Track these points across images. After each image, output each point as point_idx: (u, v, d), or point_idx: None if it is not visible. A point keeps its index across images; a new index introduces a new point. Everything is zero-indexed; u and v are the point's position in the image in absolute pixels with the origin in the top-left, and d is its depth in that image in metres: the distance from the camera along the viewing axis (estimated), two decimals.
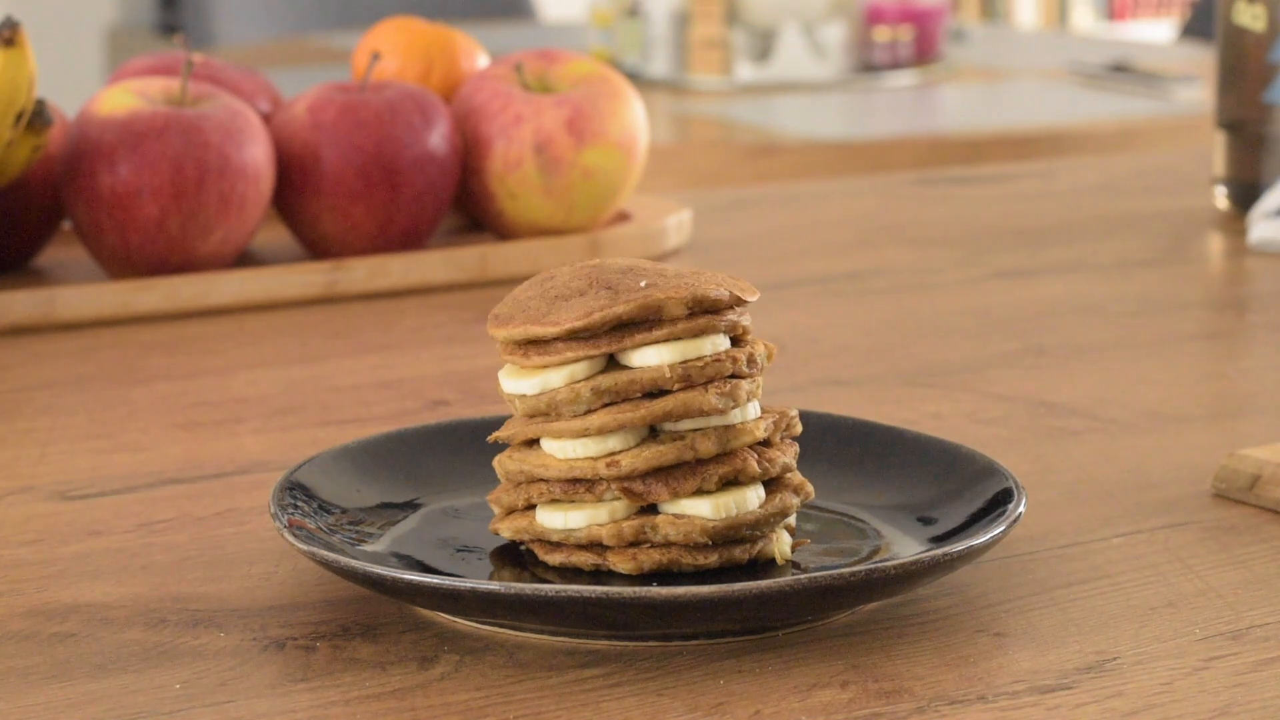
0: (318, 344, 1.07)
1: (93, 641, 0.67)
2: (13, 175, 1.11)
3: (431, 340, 1.07)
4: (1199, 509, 0.80)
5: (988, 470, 0.74)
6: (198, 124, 1.10)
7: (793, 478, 0.71)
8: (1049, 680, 0.64)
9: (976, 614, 0.69)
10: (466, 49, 1.29)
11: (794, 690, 0.64)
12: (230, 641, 0.67)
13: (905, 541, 0.72)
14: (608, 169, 1.19)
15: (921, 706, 0.63)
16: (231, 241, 1.12)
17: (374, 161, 1.14)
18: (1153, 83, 2.24)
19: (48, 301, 1.08)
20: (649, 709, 0.62)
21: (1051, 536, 0.76)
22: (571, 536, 0.69)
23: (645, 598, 0.64)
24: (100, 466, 0.86)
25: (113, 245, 1.11)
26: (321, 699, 0.63)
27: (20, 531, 0.78)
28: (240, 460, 0.87)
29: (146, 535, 0.77)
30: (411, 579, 0.66)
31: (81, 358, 1.03)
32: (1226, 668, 0.65)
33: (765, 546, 0.70)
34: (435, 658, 0.66)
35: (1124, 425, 0.91)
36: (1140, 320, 1.10)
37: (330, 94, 1.17)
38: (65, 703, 0.63)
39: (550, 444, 0.70)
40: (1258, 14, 1.30)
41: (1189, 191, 1.44)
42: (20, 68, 1.07)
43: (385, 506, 0.75)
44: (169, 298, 1.10)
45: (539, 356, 0.69)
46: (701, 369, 0.69)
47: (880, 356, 1.03)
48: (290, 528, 0.69)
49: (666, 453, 0.68)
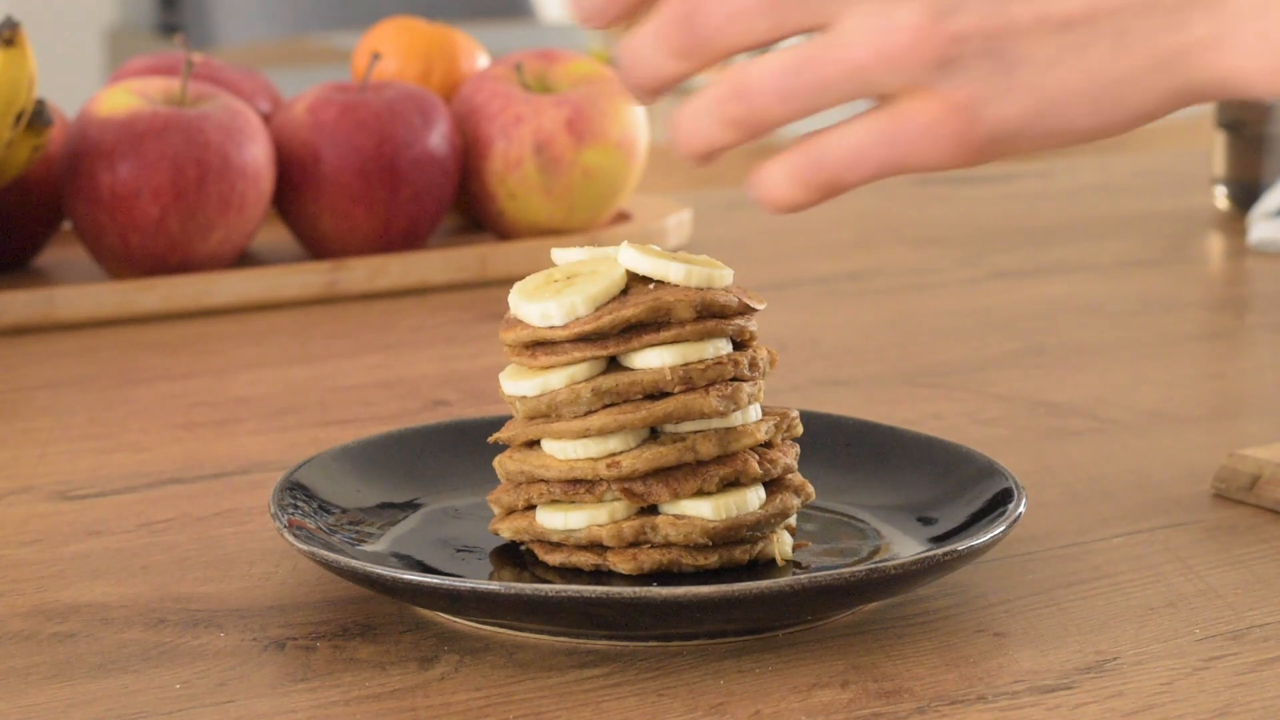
0: (318, 344, 1.07)
1: (93, 641, 0.67)
2: (13, 175, 1.11)
3: (431, 340, 1.07)
4: (1199, 509, 0.80)
5: (988, 470, 0.74)
6: (198, 124, 1.10)
7: (793, 479, 0.71)
8: (1049, 680, 0.64)
9: (976, 614, 0.69)
10: (466, 49, 1.29)
11: (794, 690, 0.64)
12: (230, 641, 0.67)
13: (905, 541, 0.72)
14: (608, 169, 1.19)
15: (921, 706, 0.63)
16: (231, 241, 1.12)
17: (374, 161, 1.15)
18: None
19: (48, 301, 1.08)
20: (649, 709, 0.62)
21: (1051, 536, 0.76)
22: (571, 537, 0.69)
23: (645, 598, 0.64)
24: (100, 466, 0.86)
25: (113, 245, 1.11)
26: (321, 699, 0.63)
27: (20, 531, 0.78)
28: (240, 460, 0.87)
29: (146, 535, 0.77)
30: (411, 579, 0.66)
31: (81, 358, 1.03)
32: (1226, 668, 0.65)
33: (766, 547, 0.70)
34: (435, 658, 0.66)
35: (1124, 425, 0.91)
36: (1140, 320, 1.10)
37: (330, 94, 1.17)
38: (65, 703, 0.63)
39: (551, 445, 0.70)
40: None
41: (1189, 191, 1.44)
42: (20, 68, 1.07)
43: (385, 506, 0.75)
44: (169, 298, 1.10)
45: (546, 358, 0.69)
46: (703, 371, 0.69)
47: (880, 356, 1.03)
48: (290, 528, 0.69)
49: (667, 454, 0.68)
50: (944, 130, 0.60)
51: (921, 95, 0.59)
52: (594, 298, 0.68)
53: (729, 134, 0.62)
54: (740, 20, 0.61)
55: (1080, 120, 0.60)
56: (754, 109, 0.61)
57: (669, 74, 0.62)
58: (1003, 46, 0.59)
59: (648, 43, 0.62)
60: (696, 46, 0.61)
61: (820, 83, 0.60)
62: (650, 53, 0.62)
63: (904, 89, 0.60)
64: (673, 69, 0.62)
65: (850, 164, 0.61)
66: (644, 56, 0.62)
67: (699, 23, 0.61)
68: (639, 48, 0.62)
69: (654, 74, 0.63)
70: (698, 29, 0.61)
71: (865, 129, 0.61)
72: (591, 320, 0.68)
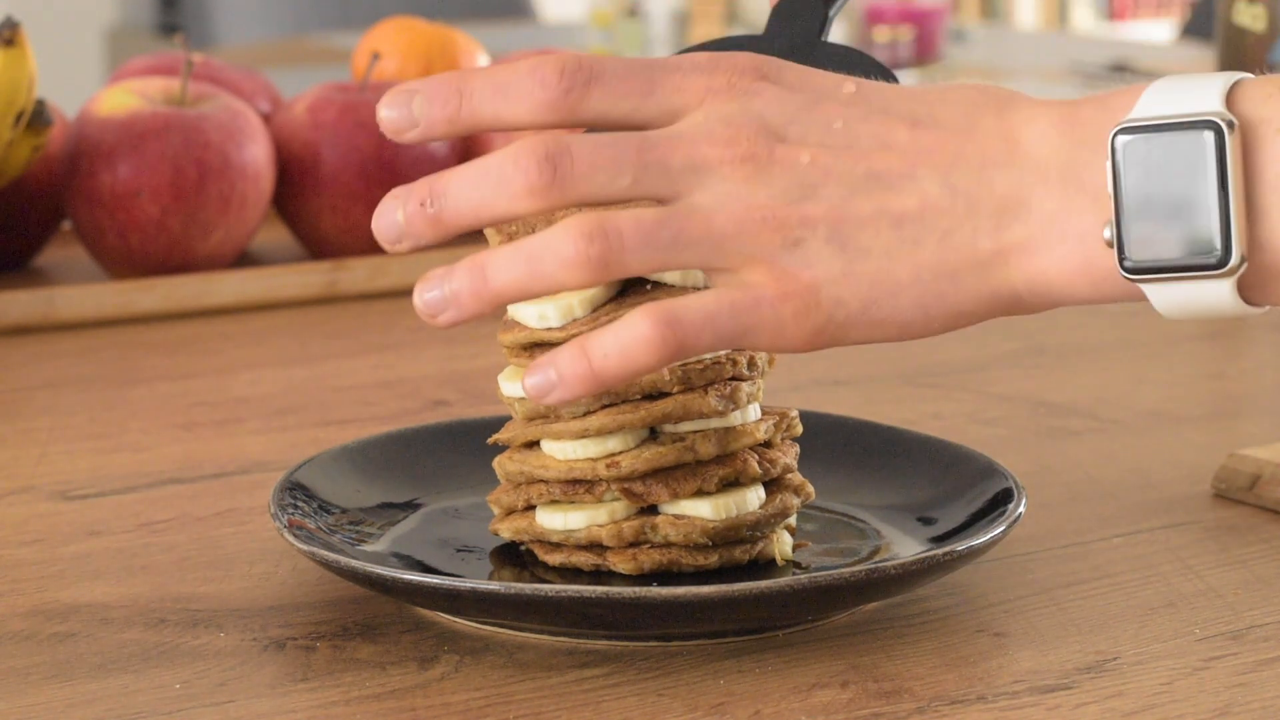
0: (318, 344, 1.07)
1: (93, 641, 0.67)
2: (13, 175, 1.11)
3: (431, 340, 1.07)
4: (1199, 509, 0.80)
5: (988, 470, 0.74)
6: (198, 124, 1.10)
7: (793, 478, 0.71)
8: (1049, 680, 0.64)
9: (976, 614, 0.69)
10: (466, 49, 1.29)
11: (794, 690, 0.64)
12: (230, 641, 0.67)
13: (905, 541, 0.72)
14: None
15: (921, 706, 0.63)
16: (231, 241, 1.12)
17: (374, 161, 1.15)
18: None
19: (48, 301, 1.08)
20: (649, 709, 0.62)
21: (1051, 536, 0.76)
22: (571, 537, 0.69)
23: (645, 598, 0.64)
24: (100, 466, 0.86)
25: (113, 245, 1.11)
26: (321, 699, 0.63)
27: (20, 531, 0.78)
28: (240, 460, 0.87)
29: (146, 535, 0.77)
30: (411, 579, 0.66)
31: (81, 358, 1.03)
32: (1226, 668, 0.65)
33: (765, 547, 0.70)
34: (435, 658, 0.66)
35: (1124, 425, 0.91)
36: (1140, 320, 1.10)
37: (330, 94, 1.17)
38: (65, 703, 0.63)
39: (550, 445, 0.70)
40: (1258, 14, 1.30)
41: None
42: (20, 68, 1.07)
43: (385, 506, 0.75)
44: (169, 298, 1.10)
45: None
46: (701, 371, 0.69)
47: (880, 356, 1.03)
48: (290, 528, 0.69)
49: (666, 454, 0.68)
50: (786, 308, 0.62)
51: (766, 272, 0.62)
52: (591, 299, 0.68)
53: (581, 273, 0.62)
54: (604, 171, 0.62)
55: (907, 312, 0.63)
56: (612, 250, 0.62)
57: (507, 209, 0.63)
58: (845, 235, 0.62)
59: (498, 169, 0.62)
60: (551, 186, 0.62)
61: (680, 240, 0.62)
62: (497, 180, 0.62)
63: (751, 262, 0.62)
64: (513, 204, 0.62)
65: (701, 326, 0.62)
66: (491, 180, 0.62)
67: (562, 164, 0.62)
68: (489, 169, 0.62)
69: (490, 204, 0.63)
70: (560, 168, 0.62)
71: (718, 295, 0.63)
72: (589, 322, 0.68)
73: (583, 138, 0.63)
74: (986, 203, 0.62)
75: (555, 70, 0.63)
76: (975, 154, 0.63)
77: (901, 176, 0.62)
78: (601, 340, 0.62)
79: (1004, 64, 2.60)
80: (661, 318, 0.62)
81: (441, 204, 0.63)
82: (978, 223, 0.62)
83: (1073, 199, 0.62)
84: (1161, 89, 0.62)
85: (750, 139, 0.62)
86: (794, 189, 0.62)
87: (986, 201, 0.62)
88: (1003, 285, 0.63)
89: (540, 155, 0.62)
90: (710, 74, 0.64)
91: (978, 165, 0.62)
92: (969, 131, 0.63)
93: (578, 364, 0.62)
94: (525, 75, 0.63)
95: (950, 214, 0.62)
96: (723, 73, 0.64)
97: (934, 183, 0.62)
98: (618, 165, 0.62)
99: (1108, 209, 0.61)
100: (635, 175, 0.62)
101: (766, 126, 0.63)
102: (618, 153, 0.62)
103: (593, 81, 0.63)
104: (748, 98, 0.63)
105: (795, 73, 0.64)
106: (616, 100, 0.63)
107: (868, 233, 0.62)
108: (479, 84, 0.63)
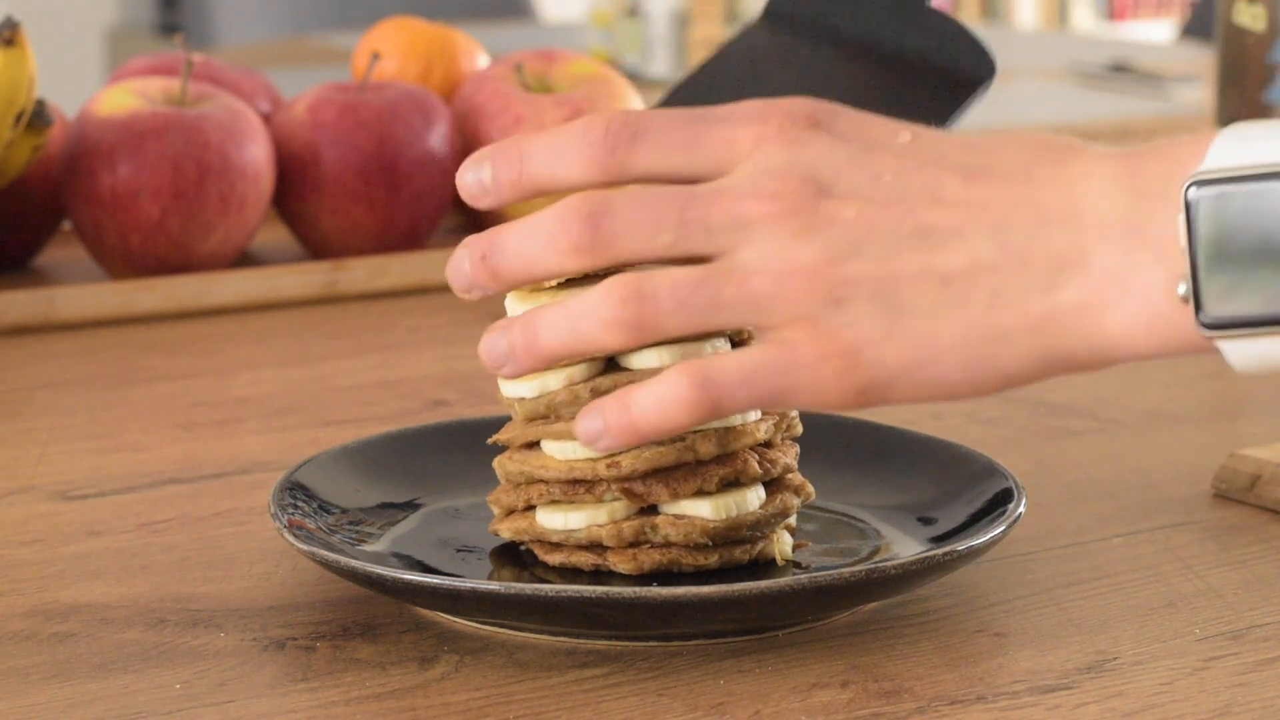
0: (318, 344, 1.07)
1: (93, 641, 0.67)
2: (13, 175, 1.11)
3: (431, 340, 1.07)
4: (1199, 509, 0.80)
5: (988, 470, 0.74)
6: (198, 124, 1.10)
7: (793, 478, 0.71)
8: (1049, 680, 0.64)
9: (976, 614, 0.69)
10: (466, 49, 1.29)
11: (794, 690, 0.64)
12: (230, 641, 0.67)
13: (905, 541, 0.72)
14: None
15: (921, 706, 0.63)
16: (231, 241, 1.12)
17: (374, 161, 1.15)
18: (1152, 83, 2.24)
19: (48, 301, 1.08)
20: (649, 709, 0.62)
21: (1051, 536, 0.76)
22: (571, 537, 0.69)
23: (645, 598, 0.64)
24: (100, 466, 0.86)
25: (113, 245, 1.11)
26: (321, 699, 0.63)
27: (20, 531, 0.78)
28: (240, 460, 0.87)
29: (146, 535, 0.77)
30: (411, 579, 0.66)
31: (81, 358, 1.03)
32: (1226, 668, 0.65)
33: (766, 547, 0.70)
34: (435, 658, 0.66)
35: (1124, 425, 0.91)
36: None
37: (330, 94, 1.17)
38: (65, 703, 0.63)
39: (550, 445, 0.70)
40: (1258, 14, 1.30)
41: None
42: (20, 68, 1.07)
43: (385, 506, 0.75)
44: (169, 298, 1.10)
45: None
46: None
47: None
48: (290, 528, 0.69)
49: (666, 454, 0.68)
50: (827, 369, 0.61)
51: (807, 331, 0.61)
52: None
53: (620, 335, 0.62)
54: (644, 229, 0.62)
55: (953, 374, 0.61)
56: (648, 313, 0.62)
57: (556, 266, 0.63)
58: (889, 294, 0.61)
59: (546, 226, 0.63)
60: (594, 244, 0.62)
61: (717, 301, 0.62)
62: (547, 237, 0.63)
63: (792, 322, 0.61)
64: (560, 262, 0.63)
65: (736, 386, 0.62)
66: (541, 237, 0.63)
67: (603, 222, 0.62)
68: (539, 226, 0.63)
69: (540, 260, 0.63)
70: (600, 227, 0.62)
71: (756, 355, 0.62)
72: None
73: (627, 194, 0.62)
74: (1040, 260, 0.60)
75: (601, 128, 0.63)
76: (1030, 208, 0.61)
77: (950, 233, 0.61)
78: (641, 395, 0.62)
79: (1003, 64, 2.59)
80: (697, 378, 0.62)
81: (498, 260, 0.64)
82: (1030, 281, 0.60)
83: (1136, 254, 0.60)
84: (1233, 138, 0.59)
85: (795, 193, 0.61)
86: (838, 246, 0.61)
87: (1040, 259, 0.60)
88: (1058, 345, 0.61)
89: (584, 213, 0.62)
90: (761, 123, 0.63)
91: (1033, 221, 0.61)
92: (1025, 183, 0.61)
93: (621, 417, 0.63)
94: (576, 135, 0.63)
95: (1000, 272, 0.60)
96: (774, 120, 0.63)
97: (984, 239, 0.61)
98: (658, 223, 0.62)
99: (1178, 263, 0.59)
100: (676, 233, 0.62)
101: (814, 179, 0.62)
102: (659, 210, 0.62)
103: (638, 138, 0.63)
104: (798, 148, 0.62)
105: (849, 120, 0.63)
106: (664, 155, 0.63)
107: (912, 292, 0.61)
108: (536, 147, 0.64)
